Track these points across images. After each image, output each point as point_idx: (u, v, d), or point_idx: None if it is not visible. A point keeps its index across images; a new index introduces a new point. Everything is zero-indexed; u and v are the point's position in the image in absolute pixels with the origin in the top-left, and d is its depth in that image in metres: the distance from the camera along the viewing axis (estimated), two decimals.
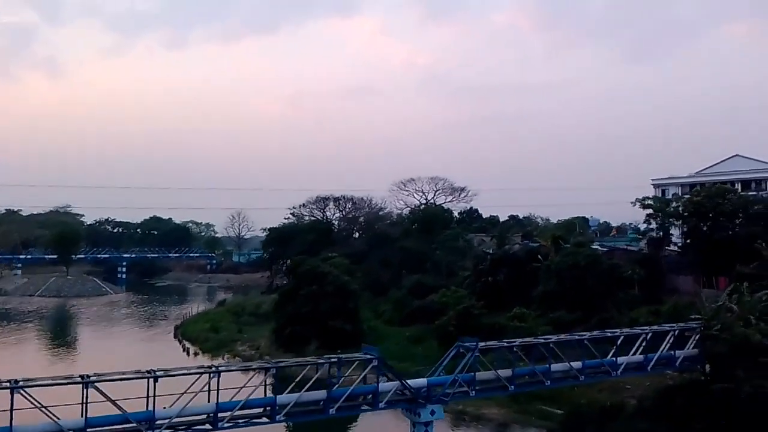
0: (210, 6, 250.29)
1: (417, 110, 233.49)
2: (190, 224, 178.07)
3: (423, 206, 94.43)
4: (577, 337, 29.28)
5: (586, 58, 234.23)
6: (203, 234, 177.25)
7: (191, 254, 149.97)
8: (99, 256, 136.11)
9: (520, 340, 28.33)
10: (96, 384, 19.15)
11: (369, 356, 24.00)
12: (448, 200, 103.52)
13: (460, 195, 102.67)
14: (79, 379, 19.23)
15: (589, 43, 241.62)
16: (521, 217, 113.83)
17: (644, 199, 49.28)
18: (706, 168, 76.07)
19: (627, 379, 34.80)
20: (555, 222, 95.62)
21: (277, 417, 22.07)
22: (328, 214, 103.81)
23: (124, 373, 20.45)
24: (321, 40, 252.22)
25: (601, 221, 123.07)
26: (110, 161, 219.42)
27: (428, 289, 60.91)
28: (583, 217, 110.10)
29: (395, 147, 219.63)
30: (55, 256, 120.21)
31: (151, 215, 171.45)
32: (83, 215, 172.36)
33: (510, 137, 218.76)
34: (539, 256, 56.72)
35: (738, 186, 67.05)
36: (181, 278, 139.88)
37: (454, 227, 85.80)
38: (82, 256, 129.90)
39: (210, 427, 21.12)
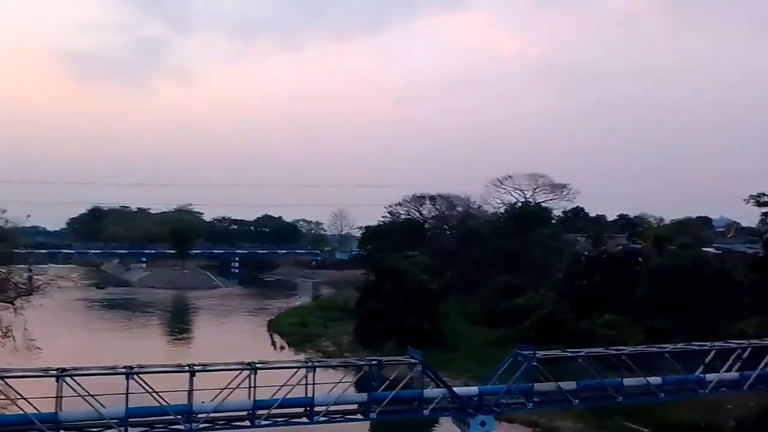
0: (320, 8, 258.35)
1: (527, 104, 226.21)
2: (301, 222, 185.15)
3: (520, 204, 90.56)
4: (656, 349, 26.35)
5: (708, 42, 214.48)
6: (313, 231, 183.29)
7: (298, 251, 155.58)
8: (214, 251, 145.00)
9: (587, 350, 25.96)
10: (138, 375, 19.89)
11: (414, 360, 23.06)
12: (548, 198, 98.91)
13: (561, 192, 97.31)
14: (123, 370, 20.02)
15: (712, 26, 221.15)
16: (632, 216, 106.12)
17: (759, 195, 43.55)
18: None
19: (727, 398, 31.12)
20: (668, 222, 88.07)
21: (315, 418, 21.76)
22: (424, 212, 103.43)
23: (165, 366, 21.10)
24: (428, 37, 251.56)
25: (730, 220, 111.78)
26: (229, 161, 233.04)
27: (517, 290, 58.49)
28: (705, 217, 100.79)
29: (501, 142, 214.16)
30: (174, 251, 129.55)
31: (264, 214, 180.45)
32: (203, 213, 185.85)
33: (625, 128, 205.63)
34: (639, 259, 52.56)
35: None
36: (288, 274, 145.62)
37: (552, 226, 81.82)
38: (199, 251, 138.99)
39: (248, 424, 21.24)
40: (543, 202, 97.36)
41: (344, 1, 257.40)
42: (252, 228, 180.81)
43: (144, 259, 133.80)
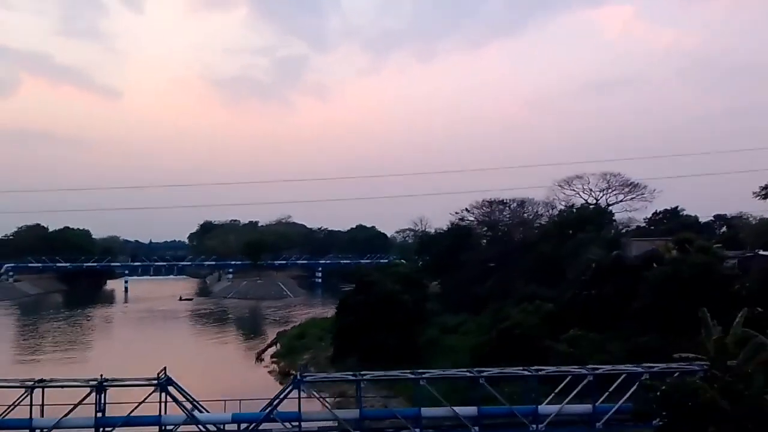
0: (454, 16, 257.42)
1: (681, 100, 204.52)
2: (394, 233, 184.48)
3: (578, 207, 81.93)
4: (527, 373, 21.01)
5: None
6: (401, 240, 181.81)
7: (380, 260, 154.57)
8: (298, 261, 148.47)
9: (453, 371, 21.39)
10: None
11: (155, 381, 20.32)
12: (623, 199, 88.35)
13: (635, 193, 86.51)
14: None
15: None
16: (729, 216, 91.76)
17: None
18: None
19: None
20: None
21: None
22: (494, 217, 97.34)
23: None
24: (569, 35, 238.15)
25: None
26: (355, 172, 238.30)
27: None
28: None
29: (646, 143, 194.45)
30: (255, 262, 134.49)
31: (357, 224, 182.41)
32: (303, 225, 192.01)
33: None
34: (654, 264, 44.27)
35: None
36: None
37: (607, 229, 72.44)
38: (284, 261, 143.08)
39: None
40: (615, 203, 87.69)
41: (478, 7, 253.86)
42: (346, 237, 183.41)
43: (231, 270, 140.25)
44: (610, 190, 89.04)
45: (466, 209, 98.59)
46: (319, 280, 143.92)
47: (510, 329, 39.47)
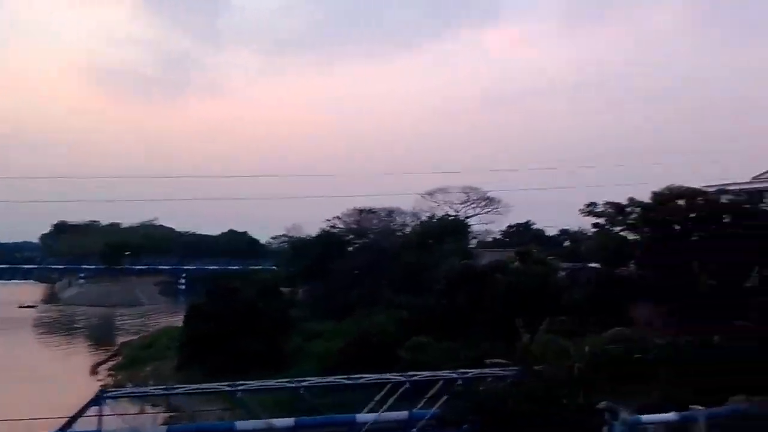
0: (353, 26, 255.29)
1: (560, 119, 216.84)
2: (272, 239, 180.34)
3: (438, 218, 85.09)
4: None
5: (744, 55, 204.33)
6: (275, 246, 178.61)
7: (253, 267, 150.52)
8: (160, 267, 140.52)
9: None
10: None
11: None
12: (480, 212, 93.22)
13: (491, 206, 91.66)
14: None
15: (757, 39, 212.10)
16: (571, 231, 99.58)
17: (592, 205, 37.23)
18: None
19: None
20: None
21: None
22: (364, 225, 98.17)
23: None
24: (461, 53, 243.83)
25: None
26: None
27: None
28: None
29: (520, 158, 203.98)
30: (112, 266, 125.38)
31: (229, 228, 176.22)
32: (172, 228, 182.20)
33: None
34: (497, 274, 46.46)
35: None
36: None
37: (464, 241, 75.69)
38: (144, 267, 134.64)
39: None
40: (473, 215, 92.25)
41: (377, 20, 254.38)
42: (217, 243, 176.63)
43: (82, 274, 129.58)
44: (469, 203, 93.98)
45: (338, 217, 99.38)
46: (183, 287, 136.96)
47: (364, 336, 39.38)
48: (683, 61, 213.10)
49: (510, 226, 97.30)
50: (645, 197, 35.85)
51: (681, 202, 33.03)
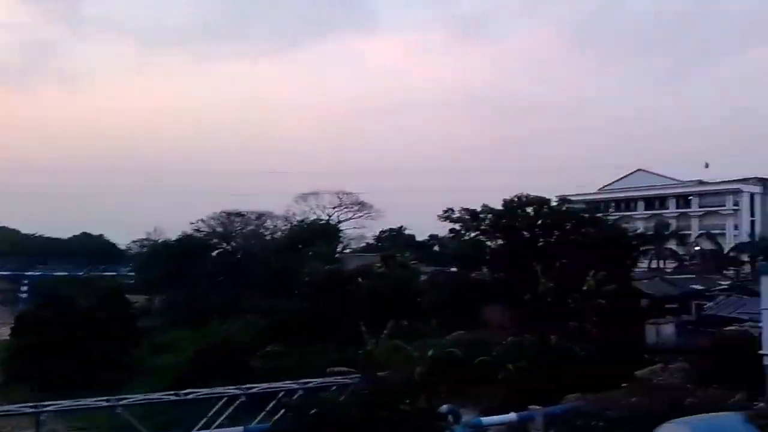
0: (233, 26, 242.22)
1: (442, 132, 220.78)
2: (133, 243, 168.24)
3: (308, 222, 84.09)
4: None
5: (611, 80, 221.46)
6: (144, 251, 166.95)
7: (109, 272, 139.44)
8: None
9: None
10: None
11: None
12: (353, 217, 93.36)
13: (364, 211, 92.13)
14: None
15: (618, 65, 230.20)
16: (440, 236, 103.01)
17: (449, 211, 38.31)
18: (611, 183, 66.33)
19: None
20: None
21: None
22: (230, 228, 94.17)
23: None
24: (342, 61, 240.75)
25: None
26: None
27: None
28: None
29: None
30: None
31: (81, 231, 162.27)
32: (17, 230, 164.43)
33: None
34: (359, 279, 46.26)
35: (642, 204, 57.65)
36: None
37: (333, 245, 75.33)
38: None
39: None
40: (346, 220, 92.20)
41: (256, 21, 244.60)
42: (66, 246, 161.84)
43: None
44: (342, 207, 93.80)
45: (201, 220, 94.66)
46: (26, 296, 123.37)
47: (214, 346, 37.09)
48: (553, 79, 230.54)
49: (383, 231, 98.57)
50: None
51: (530, 209, 34.59)
